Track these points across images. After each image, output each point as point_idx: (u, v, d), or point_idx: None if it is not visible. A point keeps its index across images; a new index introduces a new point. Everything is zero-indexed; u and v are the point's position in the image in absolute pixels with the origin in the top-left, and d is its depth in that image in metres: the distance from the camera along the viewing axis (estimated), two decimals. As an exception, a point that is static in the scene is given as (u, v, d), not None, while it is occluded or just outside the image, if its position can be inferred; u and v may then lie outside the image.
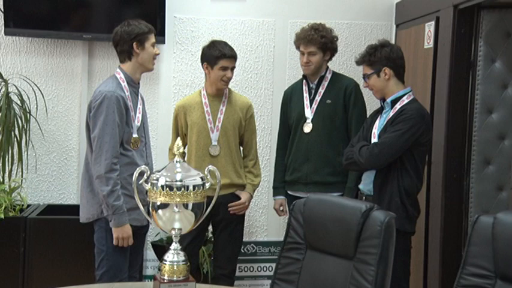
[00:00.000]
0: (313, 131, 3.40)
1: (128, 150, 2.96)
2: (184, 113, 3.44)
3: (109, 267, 2.93)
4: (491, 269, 1.94)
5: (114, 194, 2.87)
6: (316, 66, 3.41)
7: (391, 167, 2.93)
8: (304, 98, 3.48)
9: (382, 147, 2.91)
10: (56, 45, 4.12)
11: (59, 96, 4.15)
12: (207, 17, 4.23)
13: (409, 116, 2.90)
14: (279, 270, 2.39)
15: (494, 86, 3.54)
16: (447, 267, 3.44)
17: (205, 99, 3.43)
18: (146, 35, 3.02)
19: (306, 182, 3.41)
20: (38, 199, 4.12)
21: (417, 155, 2.95)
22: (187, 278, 2.03)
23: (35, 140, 4.04)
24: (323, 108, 3.40)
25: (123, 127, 2.93)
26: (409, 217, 2.94)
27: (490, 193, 3.56)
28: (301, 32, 3.44)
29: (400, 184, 2.91)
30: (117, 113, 2.89)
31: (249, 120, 3.51)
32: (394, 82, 3.02)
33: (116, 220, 2.88)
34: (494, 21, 3.49)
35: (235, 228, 3.48)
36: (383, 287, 2.13)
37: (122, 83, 2.99)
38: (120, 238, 2.90)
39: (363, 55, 3.07)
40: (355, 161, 3.00)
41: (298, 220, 2.39)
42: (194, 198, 2.00)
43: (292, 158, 3.49)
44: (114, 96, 2.89)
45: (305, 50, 3.40)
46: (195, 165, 3.32)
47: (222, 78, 3.36)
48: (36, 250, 3.64)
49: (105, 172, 2.86)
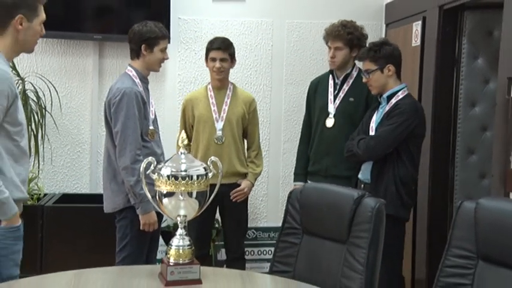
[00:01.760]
0: (334, 127, 3.26)
1: (147, 142, 2.96)
2: (192, 106, 3.45)
3: (131, 252, 2.95)
4: (473, 251, 1.95)
5: (140, 183, 2.85)
6: (341, 61, 3.25)
7: (388, 157, 2.91)
8: (329, 92, 3.33)
9: (377, 140, 2.90)
10: (68, 46, 4.12)
11: (72, 93, 4.15)
12: (209, 18, 4.22)
13: (402, 110, 2.88)
14: (277, 254, 2.39)
15: (477, 81, 3.54)
16: (433, 249, 3.45)
17: (210, 92, 3.44)
18: (157, 39, 2.96)
19: (326, 175, 3.28)
20: (53, 189, 4.13)
21: (412, 146, 2.93)
22: (192, 261, 2.03)
23: (50, 134, 4.05)
24: (345, 105, 3.26)
25: (142, 120, 2.93)
26: (403, 205, 2.92)
27: (473, 180, 3.57)
28: (329, 28, 3.32)
29: (395, 174, 2.89)
30: (136, 107, 2.89)
31: (252, 113, 3.49)
32: (394, 79, 2.98)
33: (142, 208, 2.88)
34: (477, 20, 3.48)
35: (241, 214, 3.50)
36: (374, 268, 2.14)
37: (135, 80, 2.97)
38: (147, 224, 2.91)
39: (367, 51, 3.00)
40: (354, 153, 2.99)
41: (295, 207, 2.40)
42: (198, 187, 2.00)
43: (314, 150, 3.37)
44: (133, 92, 2.89)
45: (332, 45, 3.27)
46: (202, 153, 3.33)
47: (213, 68, 3.36)
48: (53, 236, 3.66)
49: (130, 163, 2.85)
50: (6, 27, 2.07)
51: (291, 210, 2.41)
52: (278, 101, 4.32)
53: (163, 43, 2.99)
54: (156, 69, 3.06)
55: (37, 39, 2.19)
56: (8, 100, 2.01)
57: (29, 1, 2.08)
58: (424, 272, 3.54)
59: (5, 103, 2.00)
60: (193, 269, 2.01)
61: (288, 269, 2.34)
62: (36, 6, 2.11)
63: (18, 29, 2.08)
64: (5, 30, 2.08)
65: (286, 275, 2.28)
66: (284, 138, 4.35)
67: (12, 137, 2.05)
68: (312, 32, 4.30)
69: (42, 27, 2.16)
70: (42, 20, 2.14)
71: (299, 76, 4.31)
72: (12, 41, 2.10)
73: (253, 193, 4.19)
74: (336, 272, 2.19)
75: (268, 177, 4.29)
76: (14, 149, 2.06)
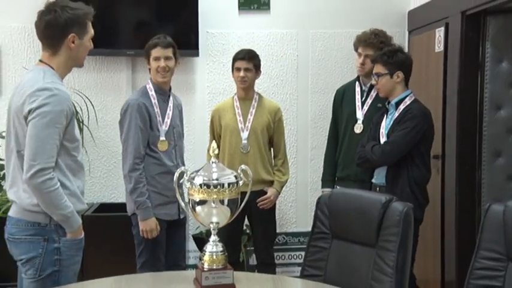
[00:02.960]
0: (363, 132, 3.20)
1: (154, 152, 3.01)
2: (219, 116, 3.47)
3: (148, 256, 3.00)
4: (503, 253, 1.91)
5: (137, 190, 2.93)
6: (370, 68, 3.16)
7: (401, 161, 2.91)
8: (356, 99, 3.31)
9: (392, 145, 2.89)
10: (103, 62, 4.19)
11: (107, 107, 4.22)
12: (236, 30, 4.25)
13: (414, 115, 2.89)
14: (308, 258, 2.39)
15: (502, 85, 3.48)
16: (462, 252, 3.38)
17: (236, 103, 3.46)
18: (150, 50, 3.03)
19: (356, 180, 3.25)
20: (92, 198, 4.20)
21: (423, 148, 2.94)
22: (226, 266, 2.04)
23: (88, 146, 4.11)
24: (374, 111, 3.20)
25: (148, 130, 2.98)
26: (419, 205, 2.89)
27: (501, 183, 3.50)
28: (362, 35, 3.29)
29: (409, 176, 2.89)
30: (139, 118, 2.95)
31: (278, 122, 3.49)
32: (402, 86, 2.99)
33: (140, 214, 2.94)
34: (500, 25, 3.43)
35: (268, 221, 3.49)
36: (404, 270, 2.11)
37: (149, 92, 3.05)
38: (145, 231, 2.95)
39: (381, 55, 3.00)
40: (368, 159, 2.98)
41: (324, 212, 2.39)
42: (229, 195, 2.00)
43: (343, 156, 3.35)
44: (136, 103, 2.96)
45: (363, 52, 3.24)
46: (228, 161, 3.35)
47: (237, 78, 3.37)
48: (92, 243, 3.67)
49: (128, 171, 2.94)
50: (60, 46, 2.13)
51: (320, 215, 2.40)
52: (304, 109, 4.32)
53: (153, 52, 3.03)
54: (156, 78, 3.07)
55: (86, 54, 2.24)
56: (66, 119, 2.07)
57: (79, 19, 2.13)
58: (453, 275, 3.48)
59: (64, 122, 2.06)
60: (227, 274, 2.02)
61: (319, 272, 2.33)
62: (85, 24, 2.17)
63: (71, 47, 2.14)
64: (59, 50, 2.14)
65: (317, 279, 2.27)
66: (311, 145, 4.33)
67: (70, 152, 2.12)
68: (336, 41, 4.29)
69: (91, 42, 2.22)
70: (91, 36, 2.20)
71: (324, 84, 4.30)
72: (65, 59, 2.16)
73: (282, 199, 4.19)
74: (366, 275, 2.17)
75: (296, 183, 4.28)
76: (72, 164, 2.13)
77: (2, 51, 4.09)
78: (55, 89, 2.04)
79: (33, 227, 2.07)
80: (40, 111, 2.00)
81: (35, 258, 2.06)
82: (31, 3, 4.04)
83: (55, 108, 2.02)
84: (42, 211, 2.06)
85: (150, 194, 2.98)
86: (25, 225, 2.08)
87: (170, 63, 3.04)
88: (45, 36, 2.13)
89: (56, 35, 2.11)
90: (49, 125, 2.01)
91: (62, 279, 2.08)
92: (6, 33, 4.08)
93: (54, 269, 2.08)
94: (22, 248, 2.08)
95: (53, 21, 2.09)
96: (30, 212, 2.07)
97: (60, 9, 2.10)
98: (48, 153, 2.01)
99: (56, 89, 2.05)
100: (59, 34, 2.11)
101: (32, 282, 2.07)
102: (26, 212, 2.07)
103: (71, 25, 2.11)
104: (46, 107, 2.01)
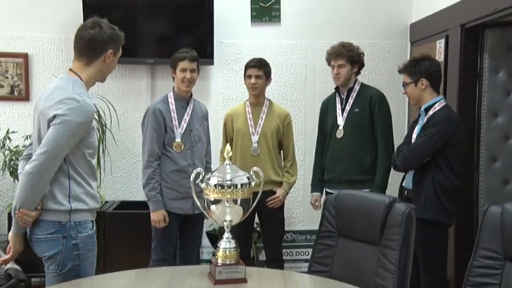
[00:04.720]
0: (344, 136, 3.30)
1: (169, 152, 3.12)
2: (232, 120, 3.48)
3: (157, 244, 3.15)
4: (500, 252, 1.90)
5: (149, 185, 3.08)
6: (345, 77, 3.31)
7: (427, 166, 2.83)
8: (337, 107, 3.39)
9: (412, 151, 2.85)
10: (125, 69, 4.22)
11: (128, 111, 4.24)
12: (248, 41, 4.26)
13: (436, 122, 2.81)
14: (315, 255, 2.38)
15: (499, 93, 3.45)
16: (461, 251, 3.37)
17: (248, 108, 3.46)
18: (177, 62, 3.12)
19: (340, 181, 3.31)
20: (113, 196, 4.23)
21: (450, 154, 2.82)
22: (238, 261, 2.04)
23: (110, 148, 4.14)
24: (352, 116, 3.30)
25: (162, 132, 3.10)
26: (444, 210, 2.82)
27: (497, 186, 3.47)
28: (331, 49, 3.39)
29: (434, 180, 2.81)
30: (155, 122, 3.09)
31: (287, 127, 3.48)
32: (429, 92, 2.91)
33: (151, 206, 3.08)
34: (497, 37, 3.41)
35: (277, 219, 3.49)
36: (405, 268, 2.10)
37: (169, 99, 3.16)
38: (155, 221, 3.09)
39: (406, 65, 2.97)
40: (396, 163, 2.98)
41: (331, 212, 2.38)
42: (242, 195, 2.01)
43: (328, 160, 3.41)
44: (152, 109, 3.13)
45: (335, 63, 3.33)
46: (239, 162, 3.35)
47: (249, 85, 3.39)
48: (113, 238, 3.73)
49: (143, 168, 3.12)
50: (97, 59, 2.17)
51: (327, 215, 2.40)
52: (312, 114, 4.30)
53: (181, 64, 3.12)
54: (181, 88, 3.15)
55: (112, 71, 2.30)
56: (84, 131, 2.08)
57: (118, 39, 2.21)
58: (452, 272, 3.45)
59: (81, 133, 2.07)
60: (239, 269, 2.02)
61: (325, 269, 2.32)
62: (120, 44, 2.24)
63: (106, 61, 2.18)
64: (93, 62, 2.17)
65: (323, 275, 2.26)
66: (318, 148, 4.32)
67: (87, 158, 2.14)
68: (342, 52, 4.28)
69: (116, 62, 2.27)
70: (119, 56, 2.26)
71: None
72: (96, 71, 2.19)
73: (290, 199, 4.18)
74: (370, 271, 2.16)
75: (304, 184, 4.27)
76: (89, 168, 2.16)
77: (33, 60, 4.13)
78: (82, 101, 2.06)
79: (54, 226, 2.09)
80: (64, 118, 2.02)
81: (56, 255, 2.09)
82: (60, 15, 4.11)
83: (77, 119, 2.03)
84: (63, 210, 2.08)
85: (163, 189, 3.11)
86: (46, 225, 2.09)
87: (195, 75, 3.18)
88: (87, 47, 2.15)
89: (98, 48, 2.15)
90: (69, 135, 2.03)
91: (81, 272, 2.11)
92: (36, 43, 4.13)
93: (74, 263, 2.10)
94: (44, 246, 2.10)
95: (98, 35, 2.14)
96: (51, 211, 2.08)
97: (105, 26, 2.16)
98: (56, 159, 2.04)
99: (83, 101, 2.06)
100: (101, 47, 2.15)
101: (54, 276, 2.10)
102: (47, 212, 2.08)
103: (111, 42, 2.17)
104: (69, 116, 2.02)
